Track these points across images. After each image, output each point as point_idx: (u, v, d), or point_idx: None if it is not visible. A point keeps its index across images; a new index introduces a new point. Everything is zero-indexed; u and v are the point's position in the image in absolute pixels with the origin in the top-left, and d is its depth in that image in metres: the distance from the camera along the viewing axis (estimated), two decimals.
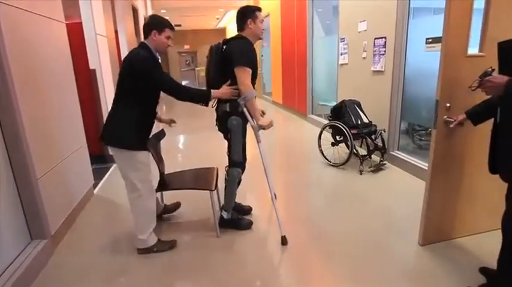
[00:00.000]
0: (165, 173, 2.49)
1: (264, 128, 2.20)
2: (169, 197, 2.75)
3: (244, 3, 11.03)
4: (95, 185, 3.36)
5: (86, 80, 3.80)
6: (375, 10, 3.93)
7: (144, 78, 2.01)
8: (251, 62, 2.20)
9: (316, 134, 4.18)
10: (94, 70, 3.88)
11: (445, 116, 1.94)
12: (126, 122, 2.06)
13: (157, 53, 2.11)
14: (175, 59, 16.96)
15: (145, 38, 2.09)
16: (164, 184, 2.44)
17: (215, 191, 2.43)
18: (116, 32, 5.46)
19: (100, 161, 3.95)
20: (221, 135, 2.42)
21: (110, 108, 2.15)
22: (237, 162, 2.32)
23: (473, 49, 1.95)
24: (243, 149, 2.35)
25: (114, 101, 2.12)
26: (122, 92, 2.09)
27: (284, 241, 2.32)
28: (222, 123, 2.31)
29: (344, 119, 3.73)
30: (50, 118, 2.46)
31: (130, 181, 2.12)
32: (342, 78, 5.02)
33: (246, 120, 2.29)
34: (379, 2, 3.82)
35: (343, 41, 4.79)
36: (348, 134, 3.59)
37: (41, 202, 2.17)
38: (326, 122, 4.12)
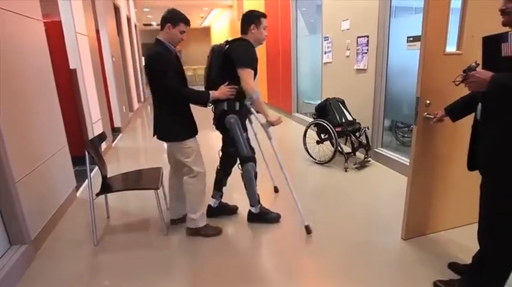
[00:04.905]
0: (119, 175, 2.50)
1: (273, 124, 2.30)
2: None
3: (228, 3, 10.91)
4: (77, 188, 3.30)
5: (66, 80, 3.70)
6: (358, 9, 3.99)
7: (157, 77, 2.12)
8: (253, 63, 2.25)
9: (301, 132, 4.21)
10: (75, 70, 3.78)
11: (426, 113, 1.99)
12: (168, 121, 2.22)
13: (171, 46, 2.17)
14: None
15: (161, 30, 2.17)
16: (107, 186, 2.41)
17: (160, 189, 2.44)
18: (98, 31, 5.34)
19: (82, 163, 3.85)
20: (217, 133, 2.46)
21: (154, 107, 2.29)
22: (246, 157, 2.35)
23: (451, 47, 2.00)
24: (248, 143, 2.38)
25: (153, 99, 2.25)
26: (153, 92, 2.21)
27: (308, 230, 2.38)
28: (220, 122, 2.35)
29: (328, 117, 3.77)
30: (27, 119, 2.39)
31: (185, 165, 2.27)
32: (326, 77, 5.07)
33: (243, 117, 2.36)
34: (361, 1, 3.87)
35: (327, 39, 4.84)
36: (333, 132, 3.63)
37: (20, 206, 2.11)
38: (311, 120, 4.14)
